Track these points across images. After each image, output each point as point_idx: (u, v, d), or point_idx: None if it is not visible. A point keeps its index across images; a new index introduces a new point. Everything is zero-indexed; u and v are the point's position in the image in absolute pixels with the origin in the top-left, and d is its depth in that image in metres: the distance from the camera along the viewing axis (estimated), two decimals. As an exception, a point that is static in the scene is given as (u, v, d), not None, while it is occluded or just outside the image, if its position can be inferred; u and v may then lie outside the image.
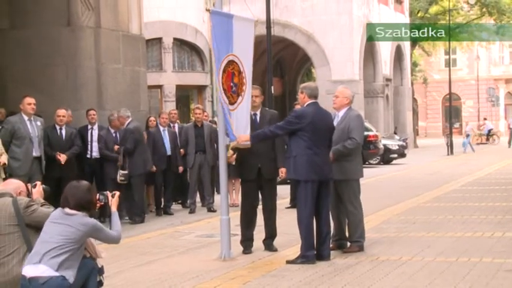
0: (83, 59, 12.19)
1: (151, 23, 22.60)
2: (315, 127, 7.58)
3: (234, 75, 7.94)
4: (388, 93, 35.30)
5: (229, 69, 7.89)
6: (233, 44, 7.91)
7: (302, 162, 7.55)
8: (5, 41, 12.45)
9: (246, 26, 8.24)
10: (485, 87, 54.20)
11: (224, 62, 7.82)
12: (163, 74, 25.97)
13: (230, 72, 7.91)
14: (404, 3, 37.39)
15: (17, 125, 10.20)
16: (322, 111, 7.83)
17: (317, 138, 7.59)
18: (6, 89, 12.37)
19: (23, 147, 10.16)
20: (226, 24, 7.90)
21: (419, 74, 49.62)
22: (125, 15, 12.97)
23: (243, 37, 8.02)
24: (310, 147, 7.55)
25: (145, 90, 13.79)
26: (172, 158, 12.85)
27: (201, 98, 26.96)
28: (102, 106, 12.25)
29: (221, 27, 7.83)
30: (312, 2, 29.71)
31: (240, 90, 8.01)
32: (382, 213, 11.36)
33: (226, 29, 7.86)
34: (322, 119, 7.71)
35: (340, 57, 29.49)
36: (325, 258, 7.61)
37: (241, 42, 8.00)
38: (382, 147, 25.29)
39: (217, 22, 7.82)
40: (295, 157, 7.61)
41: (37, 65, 12.17)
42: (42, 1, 12.29)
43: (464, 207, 11.98)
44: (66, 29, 12.22)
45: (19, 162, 10.03)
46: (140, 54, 13.40)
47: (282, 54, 34.67)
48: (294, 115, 7.72)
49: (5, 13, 12.56)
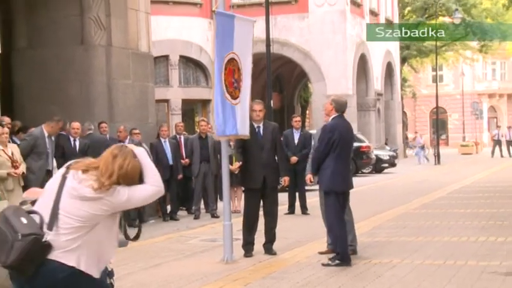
0: (95, 75, 12.22)
1: (159, 41, 22.64)
2: (342, 138, 7.61)
3: (234, 72, 7.92)
4: (380, 107, 35.31)
5: (230, 66, 7.86)
6: (234, 42, 7.88)
7: (330, 174, 7.54)
8: (23, 59, 12.49)
9: (246, 25, 8.21)
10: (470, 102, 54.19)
11: (226, 60, 7.79)
12: (170, 89, 26.00)
13: (231, 69, 7.88)
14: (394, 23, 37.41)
15: (38, 140, 10.05)
16: (347, 123, 7.87)
17: (343, 149, 7.61)
18: (23, 104, 12.39)
19: (40, 162, 10.00)
20: (229, 23, 7.87)
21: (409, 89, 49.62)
22: (134, 34, 13.01)
23: (242, 36, 7.98)
24: (337, 159, 7.55)
25: (153, 104, 13.80)
26: (174, 168, 12.83)
27: (205, 111, 26.97)
28: (113, 119, 12.26)
29: (224, 27, 7.79)
30: (309, 22, 29.78)
31: (239, 86, 7.99)
32: (374, 219, 11.34)
33: (228, 28, 7.82)
34: (347, 131, 7.76)
35: (335, 74, 29.52)
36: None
37: (241, 40, 7.96)
38: (374, 157, 25.29)
39: (221, 22, 7.79)
40: (325, 169, 7.58)
41: (52, 81, 12.20)
42: (58, 22, 12.34)
43: (451, 213, 11.96)
44: (80, 47, 12.25)
45: (34, 176, 9.88)
46: (148, 70, 13.42)
47: (281, 71, 34.70)
48: (327, 130, 7.66)
49: (22, 33, 12.61)
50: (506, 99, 61.71)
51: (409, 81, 50.35)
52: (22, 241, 3.24)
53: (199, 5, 27.19)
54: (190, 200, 13.36)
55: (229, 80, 7.86)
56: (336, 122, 7.67)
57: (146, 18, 13.44)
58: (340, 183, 7.57)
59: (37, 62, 12.33)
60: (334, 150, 7.51)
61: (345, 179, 7.66)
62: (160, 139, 12.84)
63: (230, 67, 7.85)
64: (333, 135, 7.52)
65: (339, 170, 7.53)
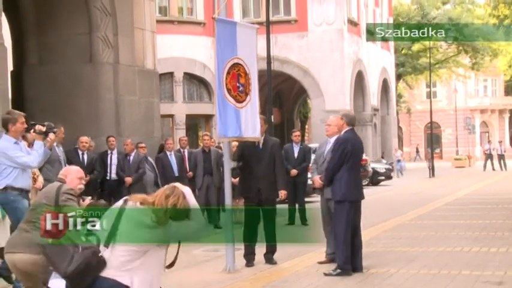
0: (102, 92, 12.25)
1: (164, 59, 22.70)
2: (354, 150, 7.63)
3: (240, 76, 7.88)
4: (376, 121, 35.34)
5: (233, 71, 7.82)
6: (237, 48, 7.87)
7: (344, 184, 7.54)
8: (34, 75, 12.53)
9: (249, 32, 8.21)
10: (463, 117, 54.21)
11: (229, 65, 7.78)
12: (175, 105, 26.04)
13: (235, 74, 7.84)
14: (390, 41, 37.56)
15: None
16: (358, 136, 7.93)
17: (355, 160, 7.63)
18: (34, 119, 12.38)
19: (55, 169, 10.04)
20: (230, 30, 7.86)
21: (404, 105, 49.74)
22: (140, 52, 13.05)
23: (246, 42, 7.97)
24: (350, 170, 7.56)
25: (159, 119, 13.82)
26: (179, 180, 12.81)
27: (208, 126, 26.99)
28: (120, 133, 12.27)
29: (225, 33, 7.78)
30: (308, 41, 29.87)
31: (248, 90, 7.96)
32: (371, 230, 11.30)
33: (230, 35, 7.81)
34: (358, 144, 7.79)
35: (333, 90, 29.57)
36: (358, 270, 7.52)
37: (245, 46, 7.94)
38: (371, 170, 25.26)
39: (222, 29, 7.79)
40: (339, 180, 7.58)
41: (62, 96, 12.23)
42: (67, 40, 12.39)
43: (445, 224, 11.92)
44: (88, 65, 12.29)
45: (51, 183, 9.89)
46: (154, 87, 13.45)
47: (281, 87, 34.77)
48: (340, 142, 7.67)
49: (34, 50, 12.67)
50: (497, 115, 61.77)
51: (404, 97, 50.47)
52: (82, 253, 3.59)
53: (203, 24, 27.28)
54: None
55: (233, 84, 7.81)
56: (348, 135, 7.71)
57: (152, 37, 13.49)
58: (354, 192, 7.58)
59: (47, 78, 12.37)
60: (347, 161, 7.54)
61: (358, 188, 7.69)
62: (165, 152, 12.84)
63: (234, 71, 7.82)
64: (346, 147, 7.56)
65: (352, 180, 7.55)
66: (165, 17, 25.70)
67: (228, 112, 7.74)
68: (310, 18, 29.71)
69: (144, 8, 13.23)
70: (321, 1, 29.55)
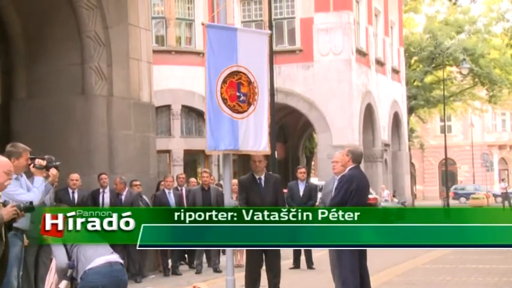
0: (95, 126, 12.30)
1: (161, 91, 22.84)
2: (359, 189, 7.67)
3: (241, 85, 7.86)
4: (387, 158, 35.35)
5: (232, 79, 7.80)
6: (237, 55, 7.87)
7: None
8: (23, 109, 12.60)
9: (258, 38, 8.22)
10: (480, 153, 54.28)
11: (225, 73, 7.77)
12: (172, 139, 26.11)
13: (235, 83, 7.82)
14: (401, 72, 37.80)
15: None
16: (363, 174, 8.01)
17: (360, 199, 7.66)
18: (22, 154, 12.42)
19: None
20: (228, 36, 7.87)
21: (416, 140, 49.81)
22: (136, 84, 13.14)
23: (253, 49, 7.96)
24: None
25: (155, 155, 13.84)
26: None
27: (207, 162, 27.02)
28: (113, 170, 12.28)
29: (220, 39, 7.79)
30: (314, 71, 30.06)
31: (252, 100, 7.94)
32: (382, 274, 11.23)
33: (227, 41, 7.81)
34: (364, 182, 7.83)
35: (341, 124, 29.65)
36: None
37: (251, 53, 7.92)
38: (382, 210, 25.21)
39: (214, 35, 7.81)
40: None
41: (52, 131, 12.27)
42: (58, 71, 12.49)
43: (462, 269, 11.84)
44: (80, 97, 12.37)
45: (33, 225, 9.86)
46: (150, 120, 13.51)
47: (285, 121, 34.88)
48: (345, 180, 7.72)
49: (22, 82, 12.75)
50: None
51: (416, 132, 50.56)
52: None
53: (202, 54, 27.48)
54: (192, 254, 13.27)
55: (231, 93, 7.79)
56: (353, 172, 7.74)
57: (148, 67, 13.59)
58: None
59: (36, 112, 12.43)
60: (352, 200, 7.55)
61: None
62: (164, 190, 12.84)
63: (233, 80, 7.80)
64: (351, 185, 7.57)
65: None
66: (162, 47, 25.94)
67: (222, 123, 7.67)
68: (316, 47, 29.94)
69: (140, 38, 13.36)
70: (327, 30, 29.81)
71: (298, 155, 37.69)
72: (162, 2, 26.40)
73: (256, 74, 7.96)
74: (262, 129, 7.96)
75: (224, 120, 7.69)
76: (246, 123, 7.82)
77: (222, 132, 7.65)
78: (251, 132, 7.83)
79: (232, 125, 7.73)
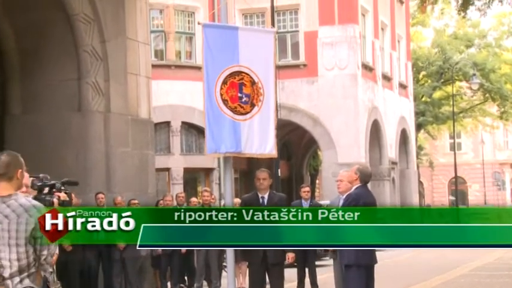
0: (92, 143, 12.31)
1: (160, 107, 22.89)
2: (366, 206, 7.62)
3: (243, 86, 7.82)
4: (394, 176, 35.30)
5: (233, 80, 7.78)
6: (239, 54, 7.84)
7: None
8: (17, 125, 12.62)
9: (262, 37, 8.19)
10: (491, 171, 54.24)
11: (225, 73, 7.74)
12: (171, 157, 26.11)
13: (236, 83, 7.78)
14: (409, 88, 37.83)
15: None
16: (371, 194, 7.96)
17: None
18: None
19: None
20: (228, 36, 7.84)
21: (425, 158, 49.76)
22: (134, 100, 13.17)
23: (257, 48, 7.95)
24: None
25: (153, 173, 13.85)
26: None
27: (208, 180, 27.00)
28: (110, 189, 12.28)
29: (219, 39, 7.76)
30: (318, 87, 30.10)
31: (255, 100, 7.89)
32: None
33: (227, 41, 7.78)
34: (371, 201, 7.80)
35: (346, 141, 29.64)
36: None
37: (255, 53, 7.91)
38: (389, 230, 25.10)
39: (212, 35, 7.78)
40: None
41: (47, 148, 12.29)
42: (54, 86, 12.52)
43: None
44: (76, 113, 12.40)
45: None
46: (148, 137, 13.53)
47: (289, 137, 34.89)
48: (352, 198, 7.70)
49: (17, 98, 12.78)
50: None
51: (425, 149, 50.54)
52: None
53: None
54: (192, 276, 13.23)
55: (232, 94, 7.75)
56: (360, 191, 7.73)
57: (147, 83, 13.63)
58: (364, 255, 7.52)
59: (31, 128, 12.45)
60: None
61: (369, 251, 7.62)
62: (161, 210, 12.83)
63: (234, 80, 7.77)
64: (358, 203, 7.55)
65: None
66: (161, 61, 26.02)
67: (222, 125, 7.63)
68: (320, 62, 30.00)
69: (139, 52, 13.41)
70: (332, 44, 29.89)
71: (302, 173, 37.65)
72: (161, 16, 26.50)
73: (261, 74, 7.89)
74: (268, 131, 7.89)
75: (225, 122, 7.65)
76: (250, 125, 7.75)
77: (222, 134, 7.62)
78: (256, 134, 7.77)
79: (233, 127, 7.67)
